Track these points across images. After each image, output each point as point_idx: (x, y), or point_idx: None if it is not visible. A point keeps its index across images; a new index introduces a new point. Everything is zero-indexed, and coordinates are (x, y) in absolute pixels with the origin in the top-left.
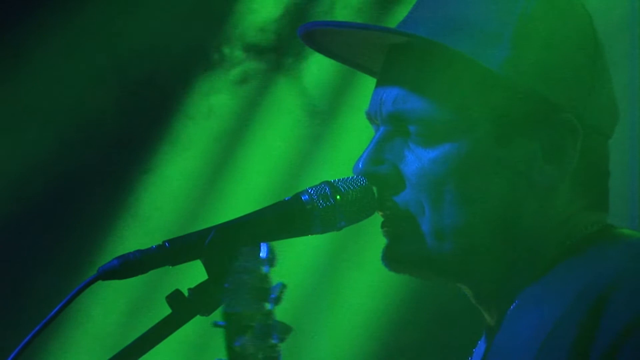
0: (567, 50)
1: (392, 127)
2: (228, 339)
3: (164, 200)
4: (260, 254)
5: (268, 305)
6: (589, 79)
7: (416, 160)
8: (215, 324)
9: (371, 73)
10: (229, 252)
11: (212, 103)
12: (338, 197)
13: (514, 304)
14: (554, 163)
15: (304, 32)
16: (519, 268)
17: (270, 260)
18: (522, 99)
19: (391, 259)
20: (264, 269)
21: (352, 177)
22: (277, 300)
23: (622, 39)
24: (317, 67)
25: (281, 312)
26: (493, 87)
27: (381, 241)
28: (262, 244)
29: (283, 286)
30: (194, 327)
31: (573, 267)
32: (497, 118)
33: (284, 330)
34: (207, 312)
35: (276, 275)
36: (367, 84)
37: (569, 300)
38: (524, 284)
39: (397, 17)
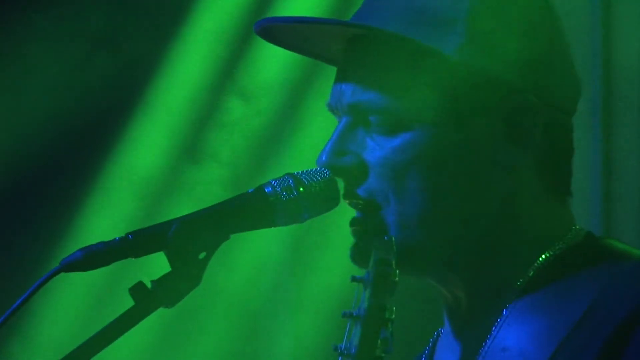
0: (523, 30)
1: (354, 117)
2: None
3: (125, 193)
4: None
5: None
6: (547, 57)
7: (379, 149)
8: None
9: (332, 62)
10: (191, 244)
11: (169, 97)
12: (301, 189)
13: (507, 311)
14: (517, 143)
15: (259, 28)
16: (496, 263)
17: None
18: (480, 83)
19: (359, 258)
20: (394, 262)
21: (316, 169)
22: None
23: (582, 40)
24: (276, 58)
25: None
26: (449, 73)
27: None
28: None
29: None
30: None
31: (575, 278)
32: (457, 103)
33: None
34: (170, 304)
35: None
36: (327, 74)
37: (580, 311)
38: (507, 284)
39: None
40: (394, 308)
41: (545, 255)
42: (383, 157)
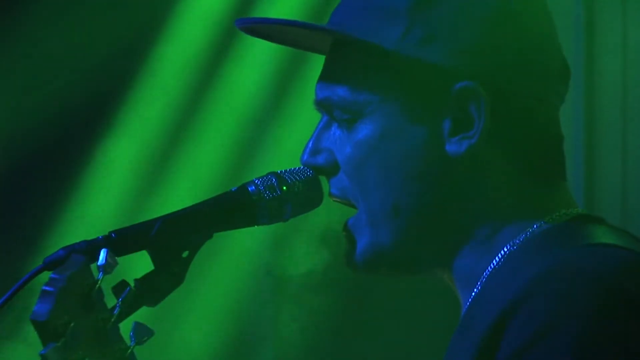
0: (466, 17)
1: (326, 114)
2: (42, 344)
3: (107, 194)
4: (98, 262)
5: (112, 311)
6: (496, 42)
7: (345, 145)
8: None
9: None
10: (174, 243)
11: (156, 96)
12: (284, 188)
13: (474, 294)
14: (465, 131)
15: (241, 28)
16: (466, 252)
17: (107, 267)
18: (422, 73)
19: (351, 265)
20: (91, 277)
21: (299, 168)
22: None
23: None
24: (263, 53)
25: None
26: (393, 65)
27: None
28: (102, 249)
29: (131, 290)
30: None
31: (521, 265)
32: (404, 95)
33: (142, 333)
34: (153, 302)
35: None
36: (314, 71)
37: (506, 301)
38: (479, 271)
39: None
40: (105, 319)
41: (515, 241)
42: (348, 154)
